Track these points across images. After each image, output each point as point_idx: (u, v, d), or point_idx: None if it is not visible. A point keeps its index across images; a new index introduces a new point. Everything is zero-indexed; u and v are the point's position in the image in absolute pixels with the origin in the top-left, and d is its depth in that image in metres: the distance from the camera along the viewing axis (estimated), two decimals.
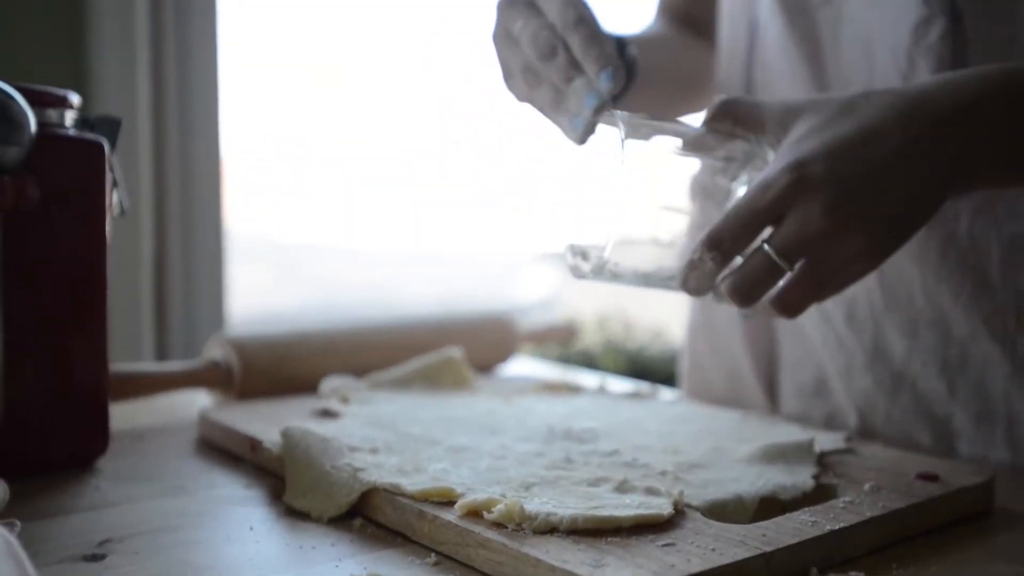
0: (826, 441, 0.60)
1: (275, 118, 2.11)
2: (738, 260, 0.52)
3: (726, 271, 0.52)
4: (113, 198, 0.61)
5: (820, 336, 0.73)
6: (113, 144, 0.61)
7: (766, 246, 0.51)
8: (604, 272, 0.54)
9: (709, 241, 0.51)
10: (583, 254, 0.56)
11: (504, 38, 0.61)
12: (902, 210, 0.51)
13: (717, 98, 0.57)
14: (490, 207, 2.61)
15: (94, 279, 0.57)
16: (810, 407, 0.77)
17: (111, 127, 0.61)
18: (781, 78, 0.73)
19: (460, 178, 2.52)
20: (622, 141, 0.53)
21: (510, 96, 0.64)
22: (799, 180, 0.50)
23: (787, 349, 0.78)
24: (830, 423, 0.75)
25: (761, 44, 0.75)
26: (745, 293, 0.52)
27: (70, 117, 0.57)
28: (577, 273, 0.56)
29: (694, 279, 0.52)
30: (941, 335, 0.66)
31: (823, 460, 0.56)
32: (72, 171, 0.56)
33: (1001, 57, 0.58)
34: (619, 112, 0.54)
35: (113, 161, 0.59)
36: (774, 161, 0.52)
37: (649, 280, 0.56)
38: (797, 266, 0.51)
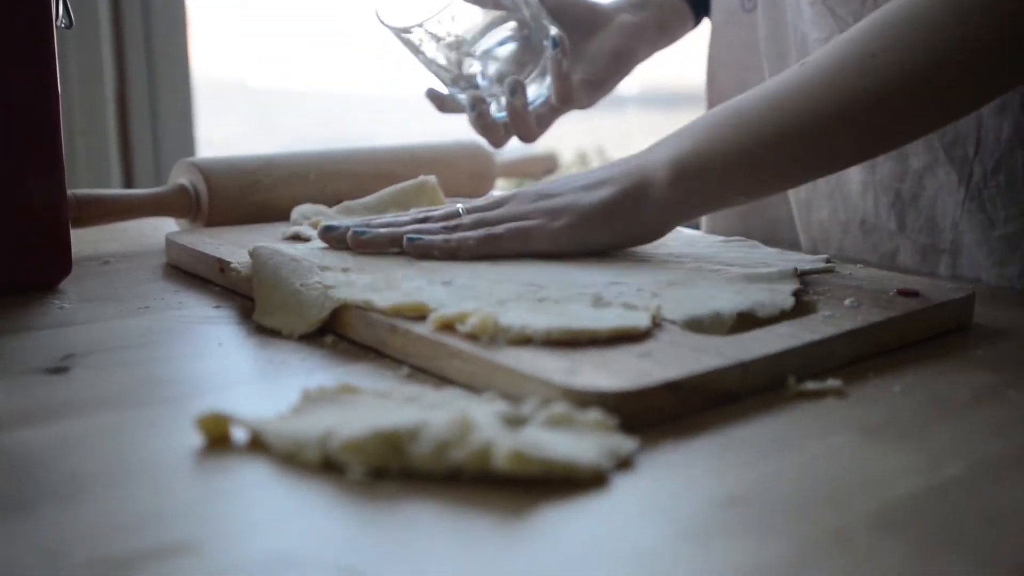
0: (806, 261, 0.59)
1: None
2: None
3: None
4: (59, 8, 0.57)
5: None
6: None
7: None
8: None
9: None
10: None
11: None
12: None
13: None
14: None
15: (44, 88, 0.54)
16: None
17: None
18: None
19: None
20: None
21: None
22: None
23: None
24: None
25: None
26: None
27: None
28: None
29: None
30: (898, 167, 0.67)
31: (803, 279, 0.55)
32: None
33: None
34: None
35: None
36: None
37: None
38: None
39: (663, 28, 0.80)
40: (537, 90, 0.73)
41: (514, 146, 0.79)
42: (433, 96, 0.77)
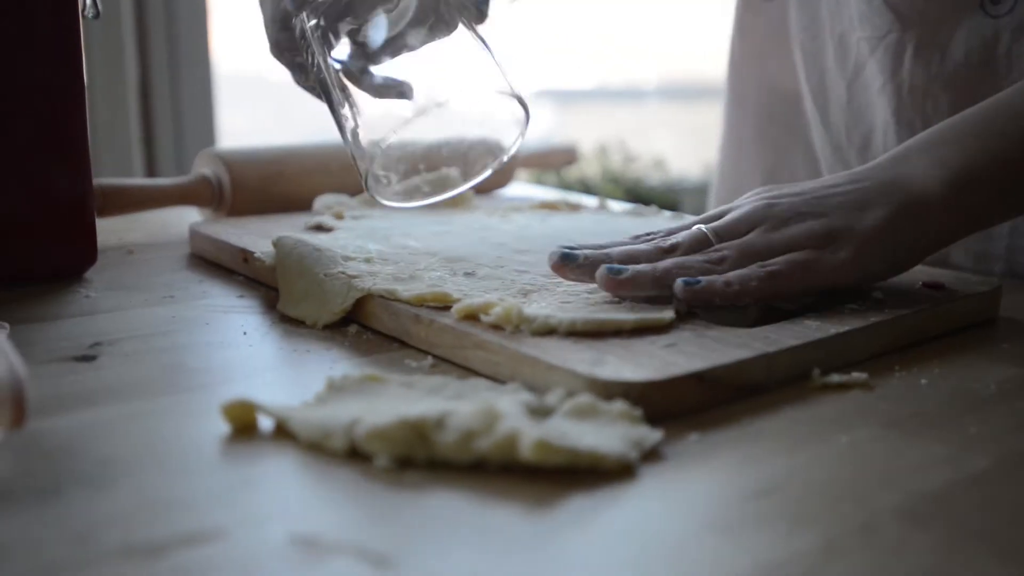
0: None
1: None
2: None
3: None
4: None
5: (834, 170, 0.72)
6: None
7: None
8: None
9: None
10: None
11: None
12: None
13: None
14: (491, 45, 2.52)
15: (70, 78, 0.54)
16: None
17: None
18: None
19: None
20: None
21: None
22: None
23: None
24: None
25: None
26: None
27: None
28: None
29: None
30: None
31: None
32: None
33: None
34: None
35: None
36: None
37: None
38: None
39: None
40: None
41: (534, 137, 0.79)
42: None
